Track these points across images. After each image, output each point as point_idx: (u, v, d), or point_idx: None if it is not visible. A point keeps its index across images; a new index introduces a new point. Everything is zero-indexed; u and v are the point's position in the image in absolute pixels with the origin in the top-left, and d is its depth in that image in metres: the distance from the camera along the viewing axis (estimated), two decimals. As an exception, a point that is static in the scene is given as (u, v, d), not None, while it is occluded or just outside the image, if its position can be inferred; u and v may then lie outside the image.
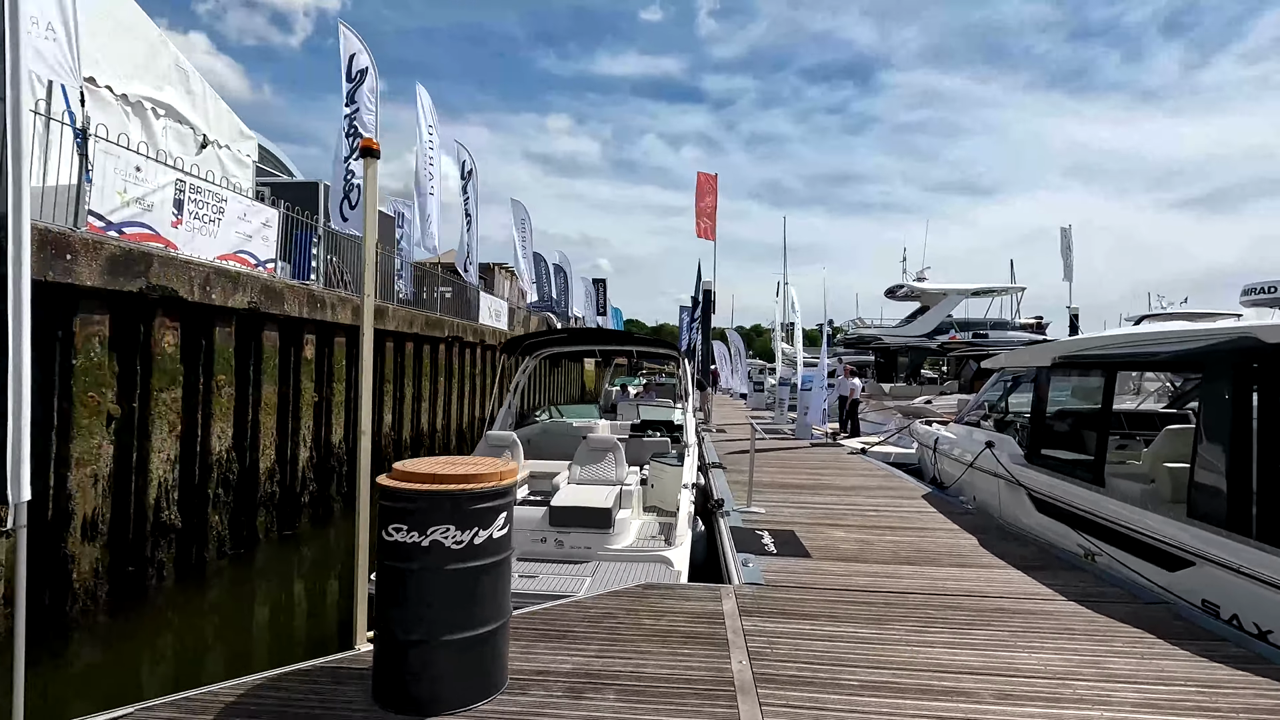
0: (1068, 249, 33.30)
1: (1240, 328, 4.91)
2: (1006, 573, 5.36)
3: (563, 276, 31.10)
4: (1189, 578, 4.97)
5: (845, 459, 12.15)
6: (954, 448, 9.23)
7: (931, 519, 7.29)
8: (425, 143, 14.48)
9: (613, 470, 7.35)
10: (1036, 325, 28.16)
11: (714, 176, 26.05)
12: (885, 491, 8.85)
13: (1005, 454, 7.67)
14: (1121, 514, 5.71)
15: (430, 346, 14.42)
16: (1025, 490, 7.15)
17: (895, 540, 6.30)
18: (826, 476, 10.00)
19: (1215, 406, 5.05)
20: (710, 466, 10.44)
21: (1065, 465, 6.74)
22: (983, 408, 9.41)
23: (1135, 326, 6.25)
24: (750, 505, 7.50)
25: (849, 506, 7.83)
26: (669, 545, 6.23)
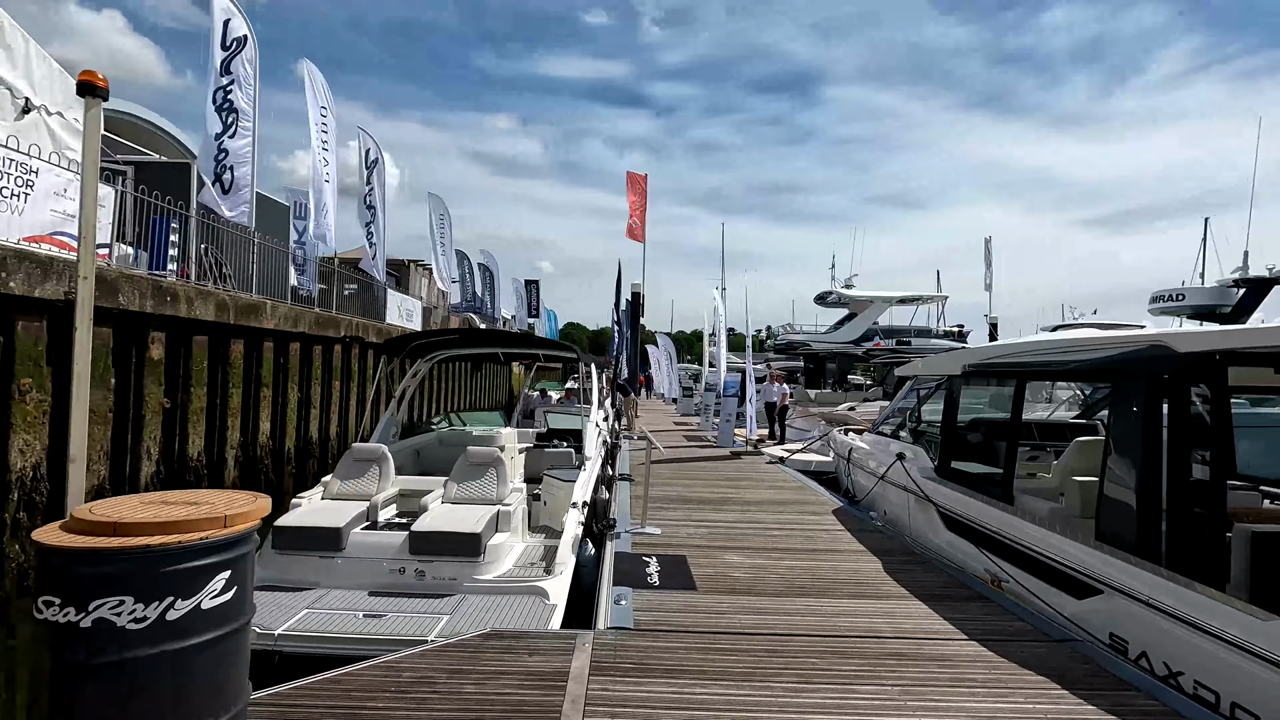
0: (989, 260, 34.37)
1: (1152, 335, 4.53)
2: (907, 605, 4.82)
3: (489, 276, 29.92)
4: (1097, 607, 4.55)
5: (761, 469, 11.66)
6: (867, 459, 8.81)
7: (837, 539, 6.77)
8: (318, 125, 13.29)
9: (493, 488, 6.54)
10: (958, 333, 28.75)
11: (643, 177, 25.50)
12: (794, 507, 8.33)
13: (916, 467, 7.25)
14: (1028, 535, 5.28)
15: (323, 347, 13.21)
16: (934, 506, 6.72)
17: (793, 566, 5.72)
18: (737, 489, 9.43)
19: (1124, 421, 4.66)
20: (617, 479, 9.73)
21: (974, 480, 6.33)
22: (897, 417, 9.04)
23: (1047, 334, 5.91)
24: (645, 525, 6.81)
25: (752, 525, 7.24)
26: (547, 574, 5.48)
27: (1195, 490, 4.11)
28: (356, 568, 5.38)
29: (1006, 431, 6.20)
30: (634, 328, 25.14)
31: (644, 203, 25.14)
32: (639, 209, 25.00)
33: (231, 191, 10.90)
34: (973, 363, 6.49)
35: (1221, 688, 3.62)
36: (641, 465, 11.34)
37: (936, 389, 7.67)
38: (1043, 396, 10.12)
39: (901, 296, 28.58)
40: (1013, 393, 5.95)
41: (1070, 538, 4.93)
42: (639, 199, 24.97)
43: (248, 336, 10.44)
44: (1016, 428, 5.96)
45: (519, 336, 10.17)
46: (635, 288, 24.85)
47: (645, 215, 25.10)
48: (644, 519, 6.86)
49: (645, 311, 24.67)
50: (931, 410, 7.95)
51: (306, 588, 5.24)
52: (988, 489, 6.04)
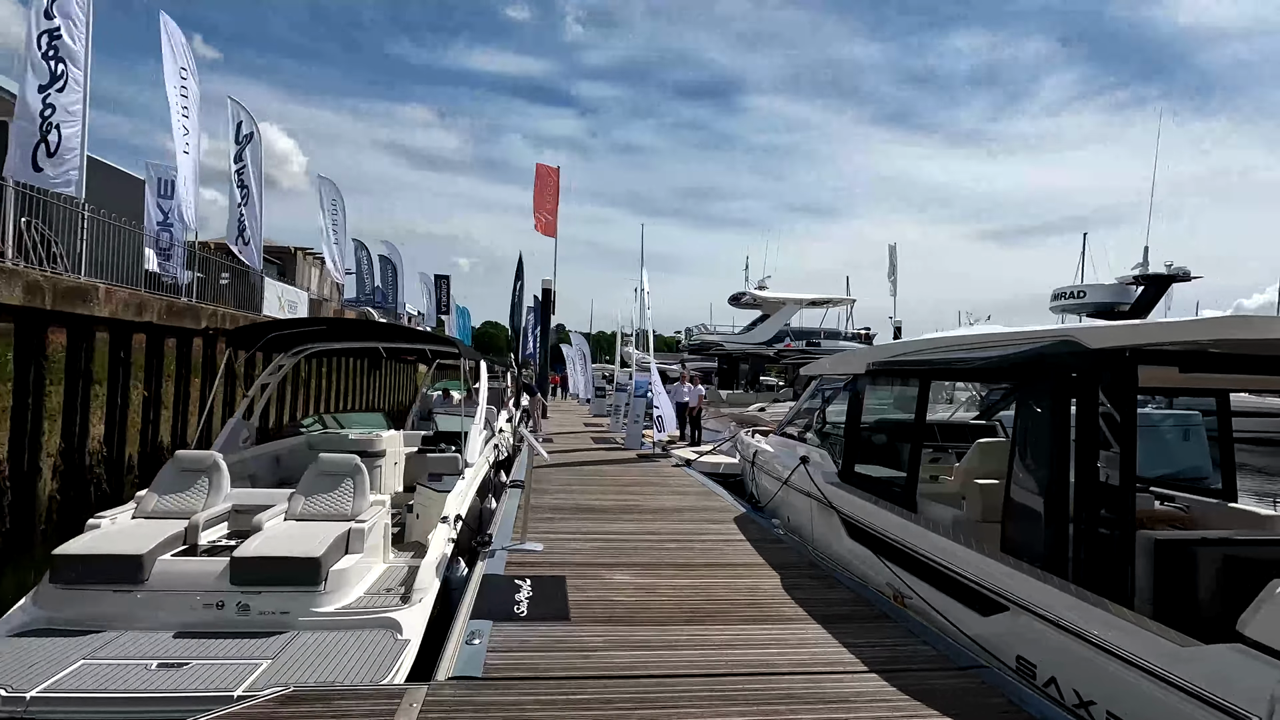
0: (893, 266, 35.58)
1: (1060, 330, 4.21)
2: (805, 630, 4.30)
3: (391, 269, 28.20)
4: (1003, 625, 4.18)
5: (666, 473, 11.12)
6: (771, 462, 8.40)
7: (735, 551, 6.25)
8: (177, 90, 11.72)
9: (348, 501, 5.63)
10: (865, 336, 29.47)
11: (555, 170, 24.66)
12: (695, 515, 7.79)
13: (819, 471, 6.85)
14: (930, 546, 4.91)
15: (179, 340, 11.67)
16: (837, 513, 6.32)
17: (685, 585, 5.12)
18: (637, 496, 8.82)
19: (1031, 422, 4.33)
20: (508, 487, 8.92)
21: (876, 485, 5.96)
22: (803, 418, 8.68)
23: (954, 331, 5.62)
24: (525, 540, 6.06)
25: (647, 537, 6.63)
26: (404, 603, 4.66)
27: (1102, 497, 3.78)
28: (162, 603, 4.40)
29: (910, 434, 5.86)
30: (544, 325, 24.28)
31: (555, 197, 24.31)
32: (550, 203, 24.15)
33: (57, 155, 9.33)
34: (878, 361, 6.13)
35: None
36: (551, 468, 10.60)
37: (842, 389, 7.32)
38: (944, 397, 10.08)
39: (812, 299, 29.03)
40: (917, 393, 5.60)
41: (973, 548, 4.57)
42: (550, 193, 24.12)
43: (72, 325, 8.94)
44: (921, 430, 5.61)
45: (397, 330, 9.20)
46: (546, 284, 24.00)
47: (557, 210, 24.28)
48: (524, 533, 6.11)
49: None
50: (836, 411, 7.61)
51: (93, 630, 4.22)
52: (890, 495, 5.67)
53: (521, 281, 15.08)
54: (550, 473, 10.45)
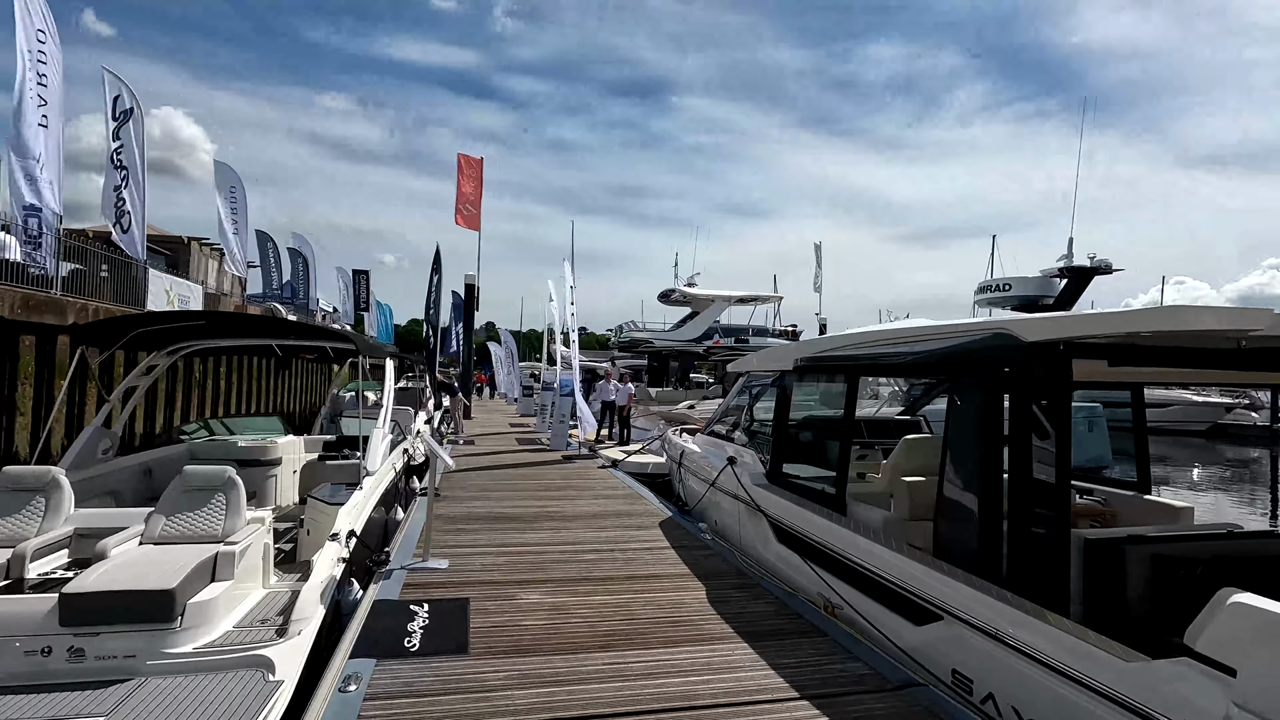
0: (818, 264, 36.29)
1: (993, 322, 4.00)
2: (731, 650, 3.94)
3: (302, 262, 26.49)
4: (937, 636, 3.94)
5: (592, 475, 10.66)
6: (698, 462, 8.07)
7: (661, 560, 5.86)
8: (31, 55, 10.35)
9: (218, 519, 4.91)
10: (792, 333, 29.86)
11: (479, 160, 23.77)
12: (619, 521, 7.36)
13: (747, 473, 6.55)
14: (861, 551, 4.65)
15: (38, 338, 10.33)
16: (765, 517, 6.03)
17: (604, 603, 4.68)
18: (559, 501, 8.33)
19: (962, 419, 4.11)
20: (419, 494, 8.23)
21: (804, 487, 5.69)
22: (731, 416, 8.40)
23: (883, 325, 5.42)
24: (428, 557, 5.47)
25: (566, 547, 6.15)
26: (279, 637, 4.03)
27: (1037, 497, 3.58)
28: None
29: (839, 431, 5.62)
30: (468, 322, 23.34)
31: (479, 188, 23.41)
32: (473, 195, 23.25)
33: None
34: (806, 356, 5.87)
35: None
36: (454, 475, 9.91)
37: (769, 386, 7.05)
38: (868, 393, 10.04)
39: (740, 296, 29.18)
40: (845, 389, 5.35)
41: (904, 552, 4.33)
42: (473, 184, 23.22)
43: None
44: (850, 428, 5.37)
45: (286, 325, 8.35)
46: (469, 279, 23.07)
47: (480, 202, 23.39)
48: (428, 549, 5.51)
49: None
50: (765, 409, 7.34)
51: None
52: (819, 496, 5.41)
53: (439, 275, 14.27)
54: (467, 478, 9.81)
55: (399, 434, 10.34)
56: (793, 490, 5.80)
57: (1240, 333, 3.13)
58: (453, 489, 8.91)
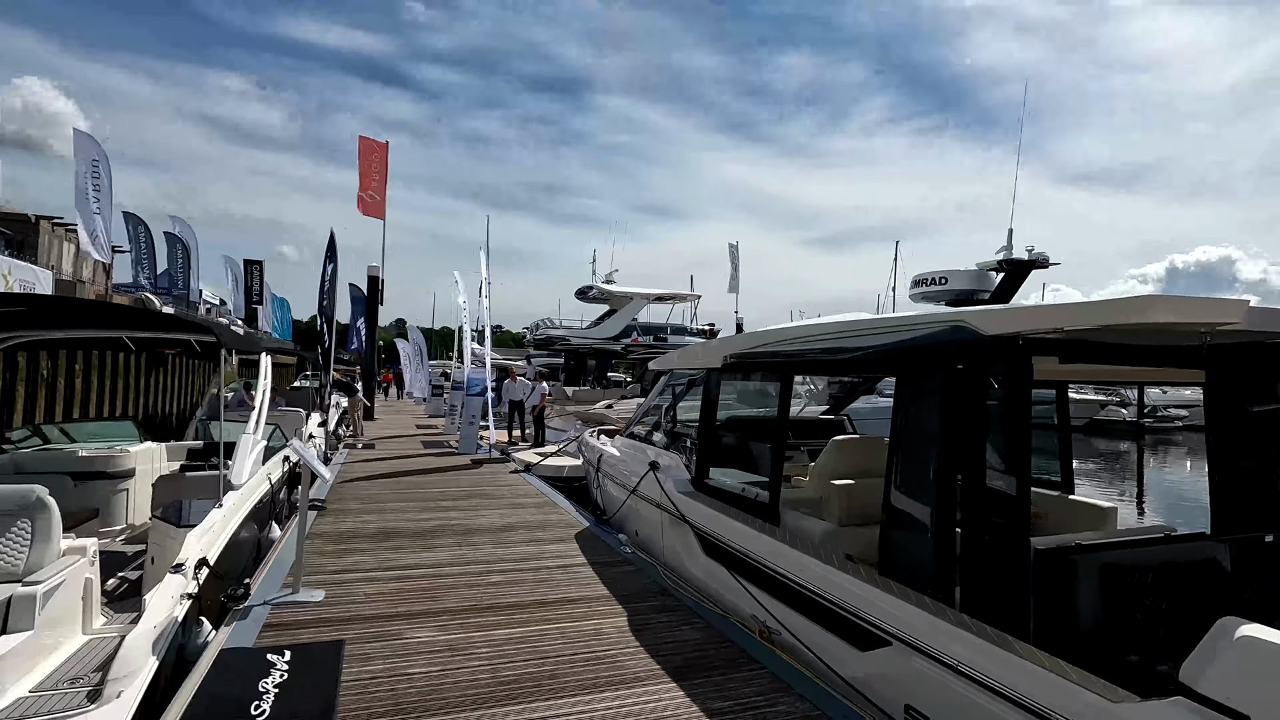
0: (735, 263, 36.54)
1: (948, 313, 3.62)
2: (659, 692, 3.37)
3: (182, 250, 23.97)
4: (885, 664, 3.53)
5: (502, 481, 9.88)
6: (617, 468, 7.49)
7: (576, 580, 5.23)
8: None
9: (19, 551, 3.93)
10: (710, 331, 29.84)
11: (383, 145, 22.29)
12: (528, 533, 6.67)
13: (670, 479, 6.03)
14: (795, 566, 4.21)
15: None
16: (690, 527, 5.52)
17: (509, 638, 4.01)
18: (463, 512, 7.53)
19: (912, 421, 3.73)
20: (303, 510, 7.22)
21: (733, 494, 5.22)
22: (652, 417, 7.88)
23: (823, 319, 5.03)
24: (300, 588, 4.62)
25: (468, 568, 5.41)
26: (91, 702, 3.16)
27: (994, 508, 3.22)
28: None
29: (771, 434, 5.18)
30: (370, 317, 21.86)
31: (384, 174, 21.95)
32: (377, 181, 21.77)
33: None
34: (736, 352, 5.40)
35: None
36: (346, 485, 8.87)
37: (695, 385, 6.56)
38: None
39: (658, 294, 28.87)
40: (779, 389, 4.92)
41: (842, 567, 3.92)
42: (377, 169, 21.75)
43: None
44: (783, 430, 4.93)
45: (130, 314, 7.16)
46: (373, 271, 21.59)
47: (385, 189, 21.94)
48: (299, 577, 4.65)
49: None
50: (690, 410, 6.85)
51: None
52: (749, 505, 4.95)
53: (334, 264, 13.00)
54: (360, 488, 8.83)
55: (280, 439, 9.21)
56: (721, 498, 5.32)
57: (1211, 326, 2.85)
58: (342, 501, 7.94)
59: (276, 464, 7.43)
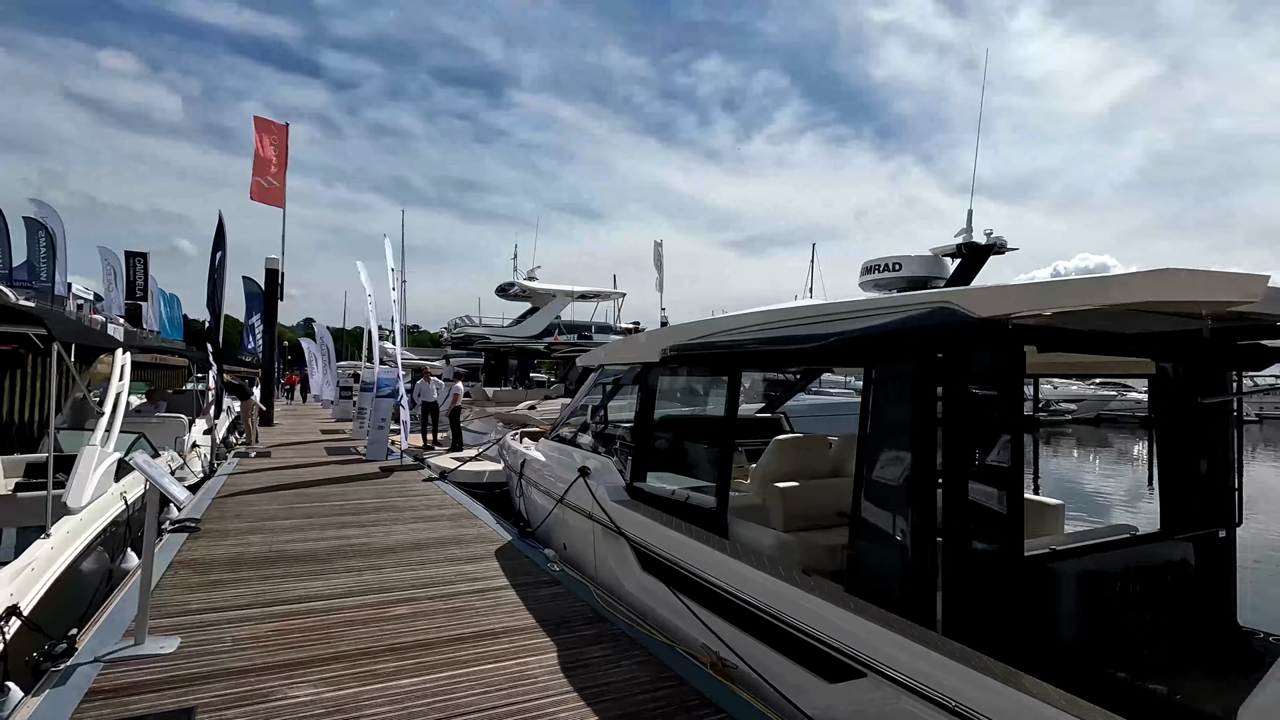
0: (659, 262, 36.29)
1: (931, 294, 3.19)
2: (598, 757, 2.77)
3: (45, 238, 21.25)
4: (860, 698, 3.07)
5: (415, 491, 8.99)
6: (542, 473, 6.81)
7: (497, 607, 4.53)
8: None
9: None
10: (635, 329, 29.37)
11: (283, 127, 20.57)
12: (442, 552, 5.90)
13: (603, 485, 5.42)
14: (747, 585, 3.71)
15: None
16: (626, 540, 4.94)
17: (414, 691, 3.29)
18: (366, 529, 6.65)
19: (885, 420, 3.28)
20: (168, 530, 6.15)
21: (674, 502, 4.67)
22: (580, 417, 7.23)
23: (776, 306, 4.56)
24: (145, 638, 3.71)
25: (368, 599, 4.61)
26: None
27: (982, 519, 2.81)
28: None
29: (717, 434, 4.68)
30: (269, 314, 20.13)
31: (283, 159, 20.25)
32: (275, 167, 20.06)
33: None
34: (676, 345, 4.86)
35: None
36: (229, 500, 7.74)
37: (628, 382, 5.99)
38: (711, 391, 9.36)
39: (582, 291, 28.12)
40: (727, 385, 4.41)
41: (797, 583, 3.44)
42: (275, 153, 20.03)
43: None
44: (731, 430, 4.42)
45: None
46: (271, 264, 19.87)
47: (284, 174, 20.25)
48: (143, 624, 3.73)
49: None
50: (622, 409, 6.27)
51: None
52: (692, 514, 4.42)
53: (223, 251, 11.62)
54: (247, 503, 7.75)
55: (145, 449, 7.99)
56: (659, 506, 4.76)
57: (1226, 305, 2.52)
58: (222, 519, 6.88)
59: (137, 480, 6.32)
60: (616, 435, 6.17)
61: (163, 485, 3.57)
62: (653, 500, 4.92)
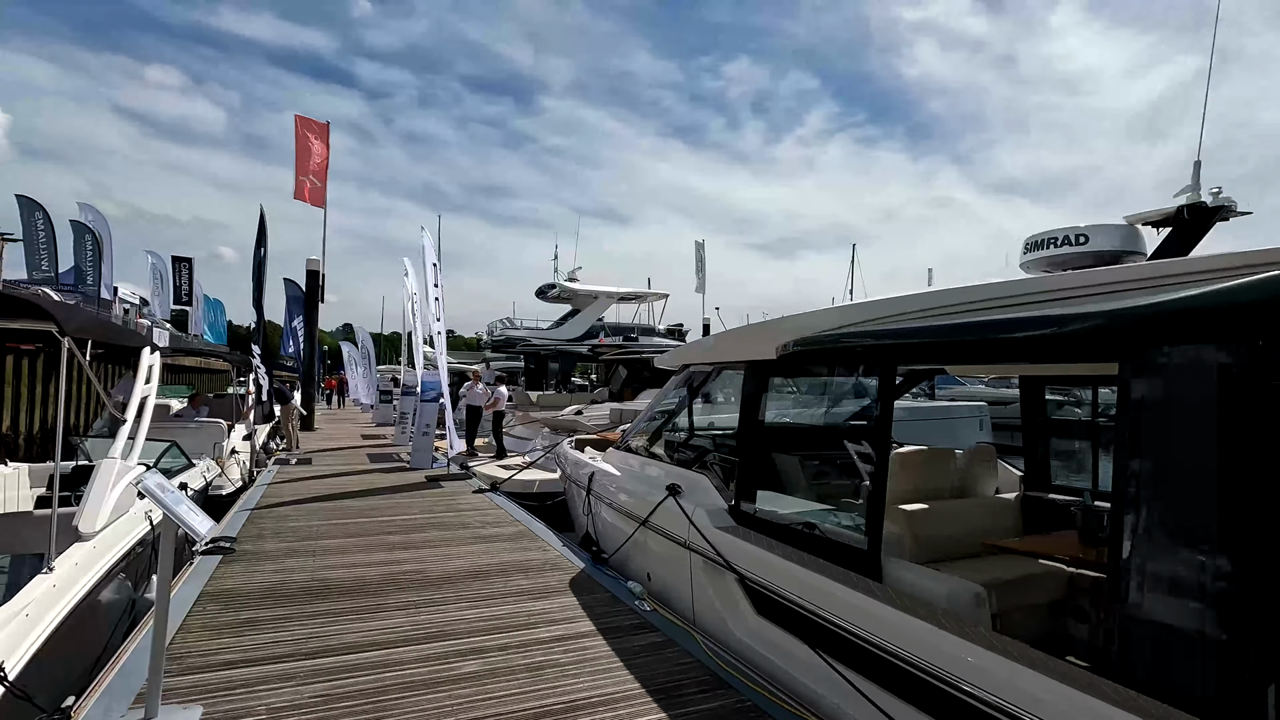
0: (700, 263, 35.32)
1: (1254, 254, 2.23)
2: None
3: (91, 242, 21.26)
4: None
5: (464, 505, 8.21)
6: (615, 490, 5.94)
7: (584, 662, 3.67)
8: None
9: None
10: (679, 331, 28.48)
11: (325, 125, 20.22)
12: (508, 583, 5.07)
13: (700, 508, 4.53)
14: (938, 654, 2.78)
15: None
16: (735, 574, 4.04)
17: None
18: (418, 550, 5.87)
19: (1172, 436, 2.33)
20: (199, 553, 5.47)
21: (802, 534, 3.76)
22: (657, 422, 6.35)
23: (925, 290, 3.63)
24: (155, 710, 2.92)
25: (430, 649, 3.78)
26: None
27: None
28: None
29: (868, 449, 3.76)
30: (310, 315, 19.75)
31: (324, 158, 19.88)
32: (316, 165, 19.69)
33: None
34: (806, 338, 3.94)
35: None
36: (265, 512, 7.04)
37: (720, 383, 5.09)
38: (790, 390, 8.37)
39: (624, 293, 27.31)
40: (879, 386, 3.49)
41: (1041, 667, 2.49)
42: (315, 152, 19.66)
43: None
44: (885, 443, 3.49)
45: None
46: (312, 265, 19.50)
47: (326, 173, 19.87)
48: (155, 691, 2.95)
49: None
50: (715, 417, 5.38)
51: None
52: (830, 550, 3.51)
53: (265, 248, 11.09)
54: (286, 518, 7.06)
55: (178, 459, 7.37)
56: (779, 536, 3.85)
57: None
58: (261, 538, 6.18)
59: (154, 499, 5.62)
60: (712, 447, 5.28)
61: (178, 515, 2.80)
62: (768, 527, 4.01)
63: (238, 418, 12.44)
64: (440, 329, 11.18)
